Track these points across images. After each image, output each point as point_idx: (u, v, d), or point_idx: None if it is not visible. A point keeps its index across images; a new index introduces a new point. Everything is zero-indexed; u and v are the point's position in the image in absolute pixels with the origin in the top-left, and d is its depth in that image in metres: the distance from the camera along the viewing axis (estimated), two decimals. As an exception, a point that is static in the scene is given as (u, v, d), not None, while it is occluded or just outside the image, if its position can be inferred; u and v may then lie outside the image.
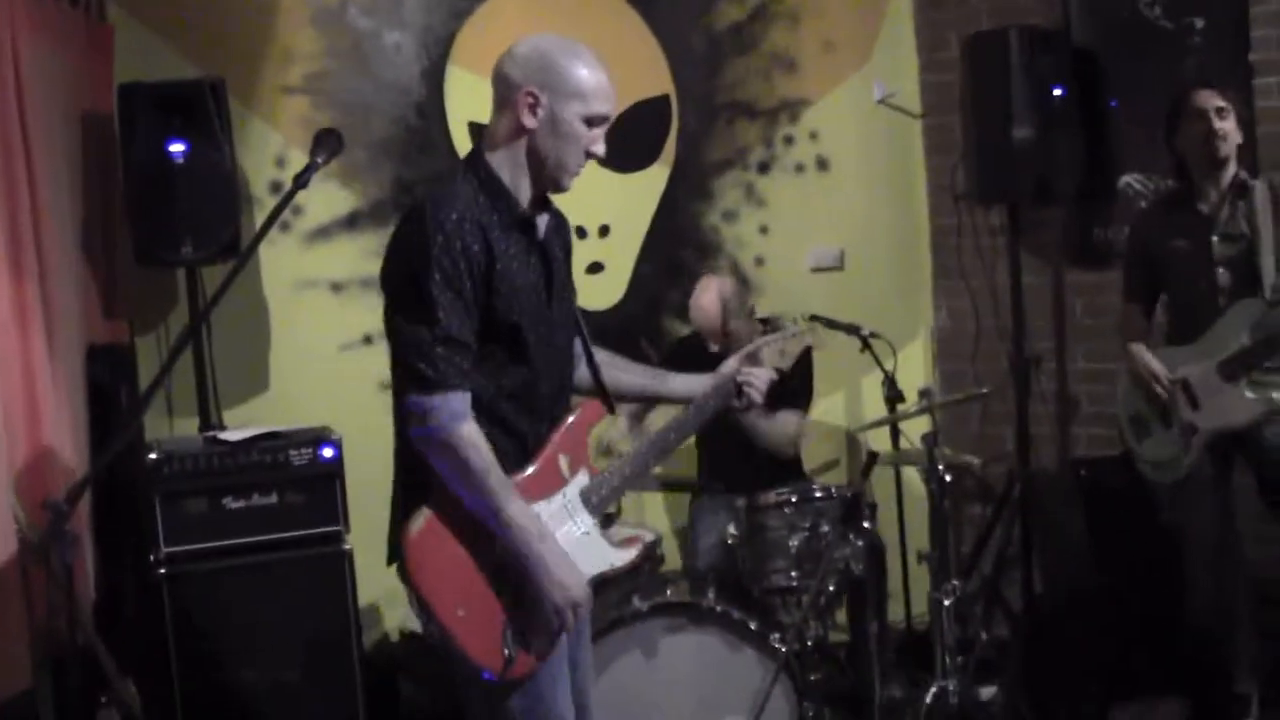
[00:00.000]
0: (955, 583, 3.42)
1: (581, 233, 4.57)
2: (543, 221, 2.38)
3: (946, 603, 3.38)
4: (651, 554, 3.22)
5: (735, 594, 3.48)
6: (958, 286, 4.77)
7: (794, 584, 3.47)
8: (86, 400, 3.57)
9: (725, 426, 4.02)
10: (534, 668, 2.29)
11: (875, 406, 4.29)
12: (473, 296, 2.22)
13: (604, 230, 4.62)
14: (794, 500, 3.52)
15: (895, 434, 4.00)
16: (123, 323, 3.94)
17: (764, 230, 4.76)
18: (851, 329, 4.05)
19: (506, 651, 2.25)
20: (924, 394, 3.69)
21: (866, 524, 3.43)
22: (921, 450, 3.46)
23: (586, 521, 2.38)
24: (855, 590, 3.59)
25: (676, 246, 4.70)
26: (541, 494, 2.33)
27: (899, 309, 4.82)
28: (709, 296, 3.98)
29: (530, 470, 2.32)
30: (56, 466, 3.26)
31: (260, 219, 4.11)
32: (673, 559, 4.02)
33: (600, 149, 2.34)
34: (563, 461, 2.36)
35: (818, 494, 3.54)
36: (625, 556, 2.45)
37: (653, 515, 4.50)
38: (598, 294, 4.63)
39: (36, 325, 3.23)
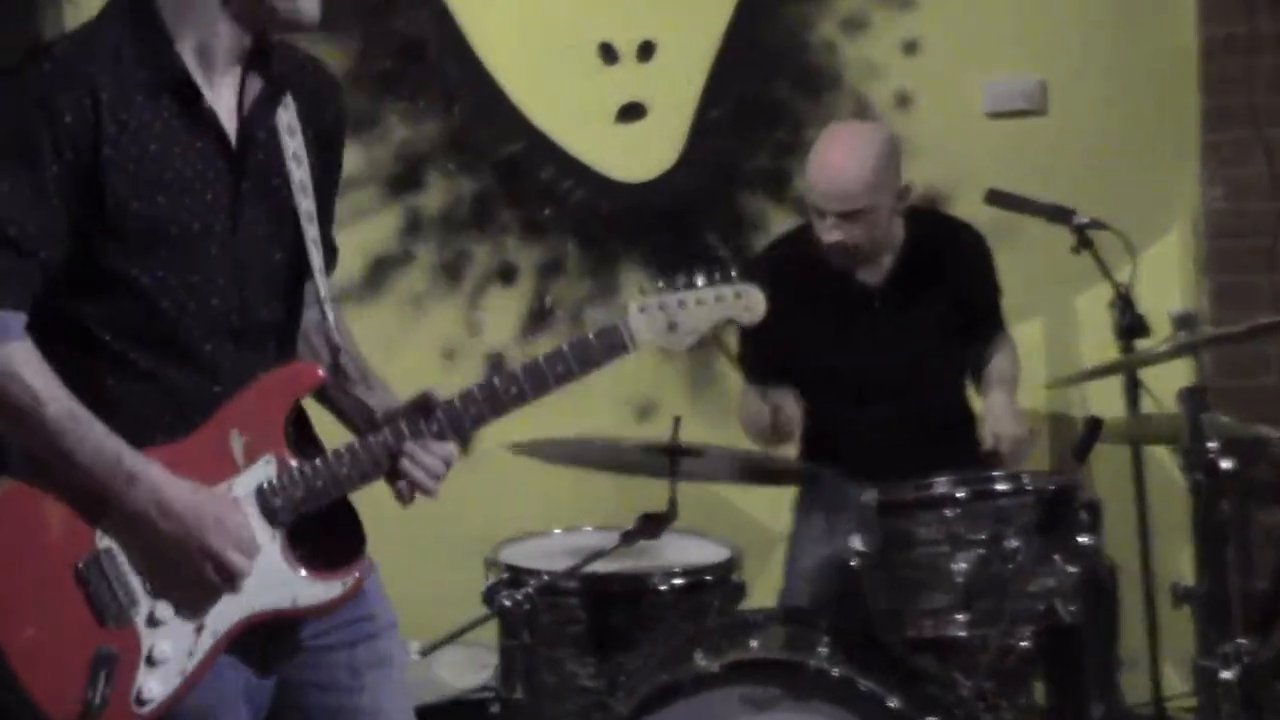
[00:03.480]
0: (1241, 642, 3.36)
1: (609, 54, 4.67)
2: (250, 87, 2.55)
3: (1226, 675, 3.34)
4: (354, 590, 3.05)
5: (862, 649, 3.49)
6: (1244, 143, 4.69)
7: (962, 634, 3.47)
8: None
9: (836, 370, 4.06)
10: None
11: (1098, 344, 4.32)
12: (57, 184, 2.41)
13: (645, 50, 4.68)
14: (960, 495, 3.50)
15: (1134, 390, 3.97)
16: None
17: (911, 49, 4.76)
18: (1057, 214, 4.01)
19: (92, 694, 2.42)
20: (1182, 323, 3.70)
21: (1084, 538, 3.43)
22: (1179, 416, 3.44)
23: (264, 531, 2.54)
24: (1065, 648, 3.59)
25: (765, 77, 4.72)
26: (195, 480, 2.50)
27: (1140, 182, 4.75)
28: (847, 149, 3.99)
29: (179, 444, 2.50)
30: None
31: None
32: (764, 590, 4.02)
33: None
34: (236, 442, 2.53)
35: (1000, 486, 3.53)
36: (321, 593, 2.58)
37: (735, 516, 4.52)
38: (636, 156, 4.69)
39: None
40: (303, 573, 2.57)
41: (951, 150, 4.67)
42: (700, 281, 2.69)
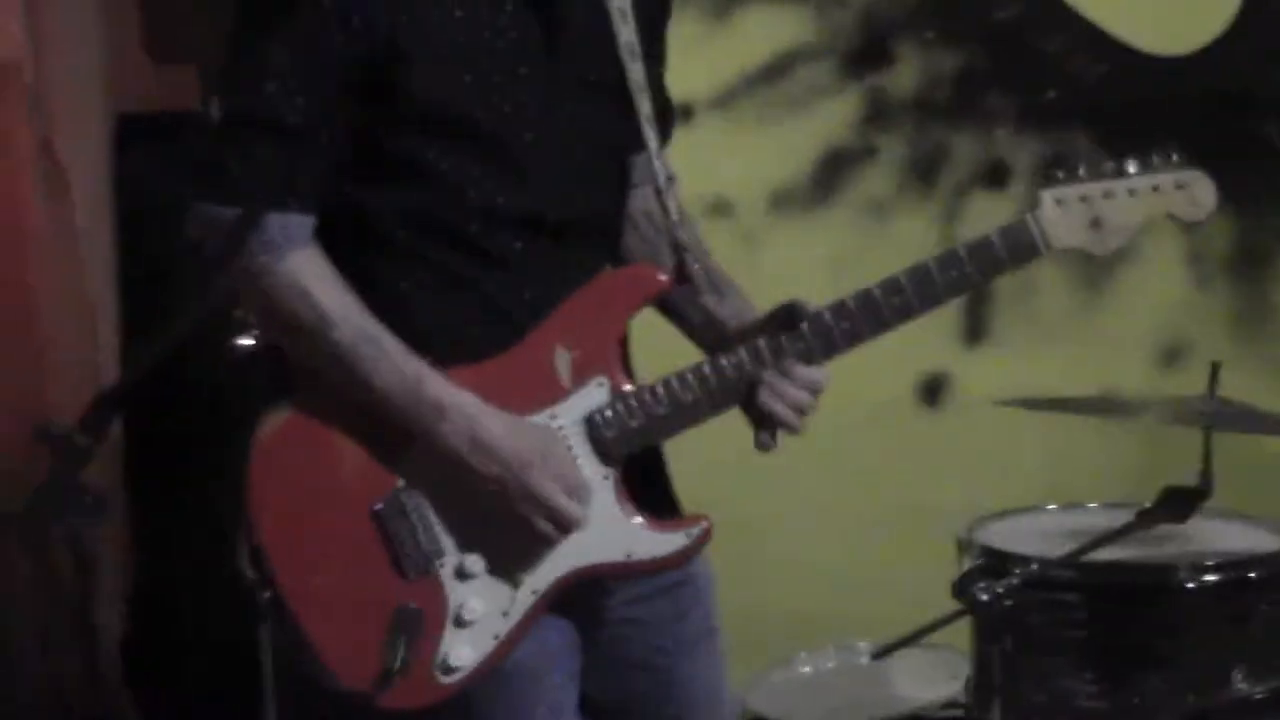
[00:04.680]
0: None
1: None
2: None
3: None
4: (701, 542, 2.95)
5: None
6: None
7: None
8: (116, 229, 3.82)
9: None
10: (446, 694, 2.59)
11: None
12: (341, 58, 2.51)
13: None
14: None
15: None
16: (188, 69, 4.06)
17: None
18: None
19: (391, 657, 2.52)
20: None
21: None
22: None
23: (594, 470, 2.63)
24: None
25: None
26: (510, 407, 2.60)
27: None
28: None
29: (492, 363, 2.60)
30: (58, 362, 3.53)
31: None
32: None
33: None
34: (562, 360, 2.61)
35: None
36: (660, 545, 2.65)
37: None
38: (1173, 21, 4.66)
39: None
40: (639, 520, 2.64)
41: None
42: (1132, 168, 2.75)
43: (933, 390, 4.59)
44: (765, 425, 2.64)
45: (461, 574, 2.57)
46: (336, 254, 2.56)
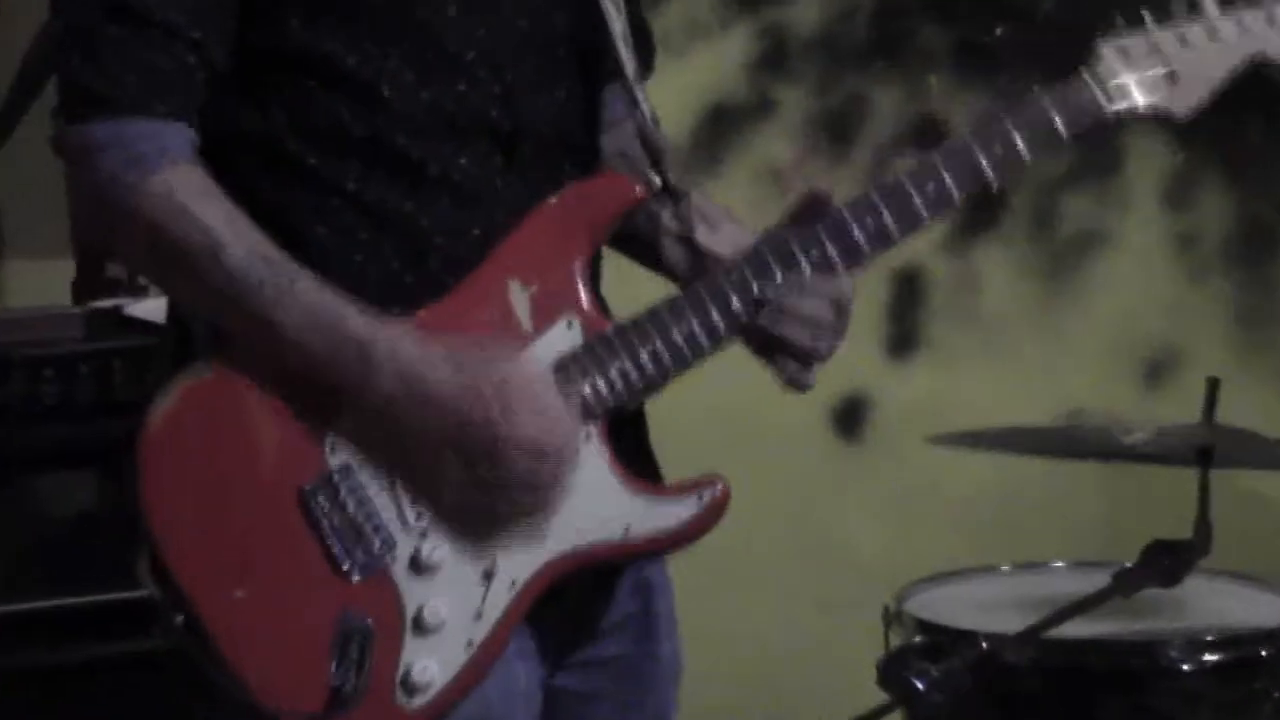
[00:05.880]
0: None
1: None
2: None
3: None
4: (718, 509, 2.97)
5: None
6: None
7: None
8: None
9: None
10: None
11: None
12: None
13: None
14: None
15: None
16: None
17: None
18: None
19: (340, 678, 2.49)
20: None
21: None
22: None
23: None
24: None
25: None
26: None
27: None
28: None
29: (433, 309, 2.60)
30: None
31: None
32: None
33: None
34: (519, 297, 2.61)
35: None
36: (664, 517, 2.65)
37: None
38: None
39: None
40: (635, 486, 2.63)
41: None
42: (1212, 8, 2.68)
43: (850, 417, 4.58)
44: (779, 355, 2.65)
45: (418, 566, 2.56)
46: (237, 200, 2.53)
